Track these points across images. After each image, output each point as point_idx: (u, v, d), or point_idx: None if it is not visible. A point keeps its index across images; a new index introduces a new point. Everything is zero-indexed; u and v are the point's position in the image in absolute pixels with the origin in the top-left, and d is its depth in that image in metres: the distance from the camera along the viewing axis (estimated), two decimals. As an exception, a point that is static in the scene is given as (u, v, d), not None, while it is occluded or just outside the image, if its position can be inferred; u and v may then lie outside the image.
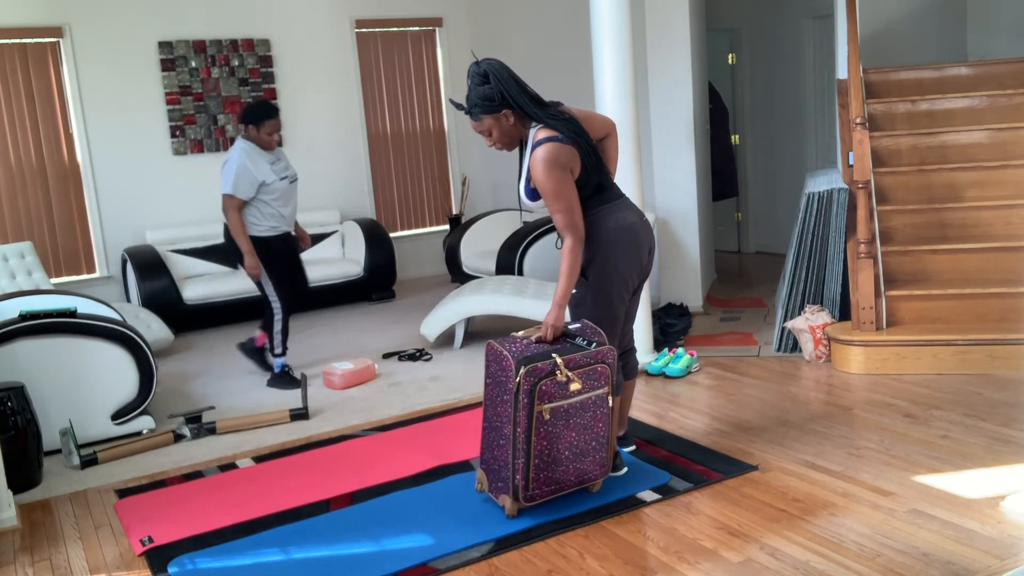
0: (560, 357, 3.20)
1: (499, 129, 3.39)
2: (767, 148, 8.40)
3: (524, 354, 3.20)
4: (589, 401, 3.27)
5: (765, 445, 3.87)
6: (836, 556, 2.89)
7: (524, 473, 3.22)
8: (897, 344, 4.73)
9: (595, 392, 3.28)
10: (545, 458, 3.23)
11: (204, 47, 7.58)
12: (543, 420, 3.18)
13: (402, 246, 8.50)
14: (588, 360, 3.25)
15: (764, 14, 8.16)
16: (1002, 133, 5.52)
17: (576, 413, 3.26)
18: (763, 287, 7.03)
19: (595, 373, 3.26)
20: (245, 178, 4.99)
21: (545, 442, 3.21)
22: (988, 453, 3.62)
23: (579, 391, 3.22)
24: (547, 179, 3.26)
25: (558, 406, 3.20)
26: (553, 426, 3.21)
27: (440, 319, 5.86)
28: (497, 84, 3.34)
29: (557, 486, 3.30)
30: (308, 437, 4.45)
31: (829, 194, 5.31)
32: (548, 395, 3.17)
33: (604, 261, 3.42)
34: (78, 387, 4.48)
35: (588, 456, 3.33)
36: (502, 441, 3.27)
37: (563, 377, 3.18)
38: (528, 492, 3.25)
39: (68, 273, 7.29)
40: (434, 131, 8.80)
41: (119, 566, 3.25)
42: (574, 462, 3.30)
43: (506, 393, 3.22)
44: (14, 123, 7.02)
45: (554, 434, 3.22)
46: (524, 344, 3.28)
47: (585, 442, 3.31)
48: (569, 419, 3.24)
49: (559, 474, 3.28)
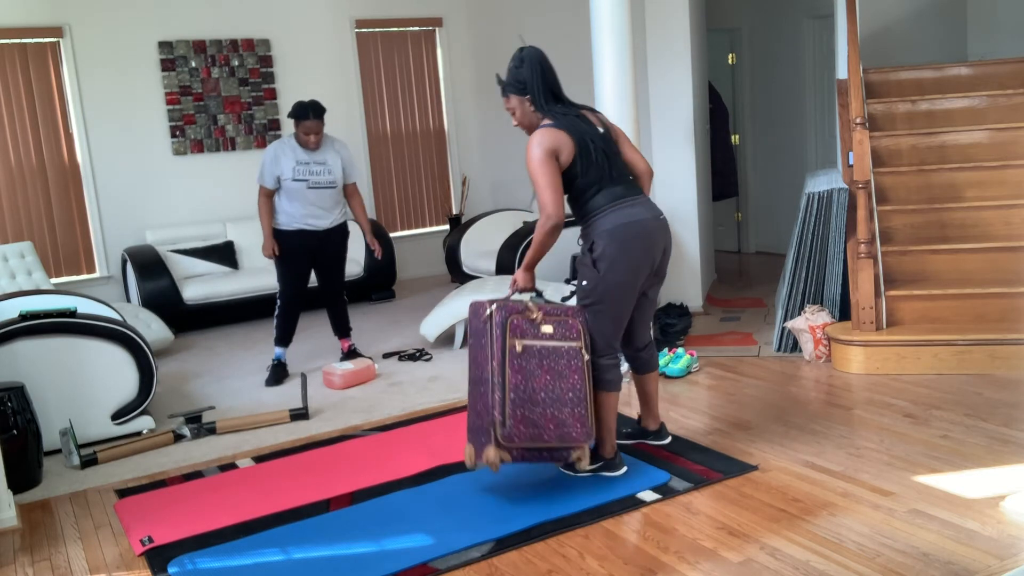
0: (531, 302, 3.40)
1: (520, 110, 3.58)
2: (767, 148, 8.40)
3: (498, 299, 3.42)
4: (563, 349, 3.37)
5: (765, 445, 3.87)
6: (836, 556, 2.89)
7: (501, 408, 3.26)
8: (897, 344, 4.73)
9: (568, 343, 3.38)
10: (520, 393, 3.28)
11: (204, 47, 7.58)
12: (516, 353, 3.30)
13: (402, 246, 8.50)
14: (559, 311, 3.41)
15: (764, 14, 8.16)
16: (1002, 133, 5.52)
17: (549, 356, 3.35)
18: (763, 287, 7.03)
19: (567, 324, 3.40)
20: (269, 167, 5.29)
21: (520, 376, 3.30)
22: (988, 453, 3.62)
23: (551, 335, 3.35)
24: (529, 158, 3.42)
25: (531, 344, 3.32)
26: (526, 361, 3.31)
27: (440, 319, 5.86)
28: (527, 70, 3.52)
29: (535, 430, 3.30)
30: (308, 437, 4.45)
31: (829, 194, 5.31)
32: (520, 330, 3.32)
33: (608, 256, 3.44)
34: (78, 387, 4.48)
35: (566, 407, 3.36)
36: (482, 388, 3.34)
37: (534, 315, 3.34)
38: (506, 430, 3.25)
39: (68, 273, 7.29)
40: (434, 131, 8.80)
41: (119, 566, 3.25)
42: (551, 407, 3.34)
43: (483, 337, 3.34)
44: (14, 123, 7.02)
45: (528, 371, 3.31)
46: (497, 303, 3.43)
47: (561, 390, 3.36)
48: (542, 360, 3.34)
49: (536, 416, 3.31)
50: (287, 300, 5.48)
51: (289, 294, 5.46)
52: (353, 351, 5.75)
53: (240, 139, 7.76)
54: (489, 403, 3.29)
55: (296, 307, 5.50)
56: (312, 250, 5.44)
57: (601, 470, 3.64)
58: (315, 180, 5.29)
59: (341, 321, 5.74)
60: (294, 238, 5.36)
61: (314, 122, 5.19)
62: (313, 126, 5.20)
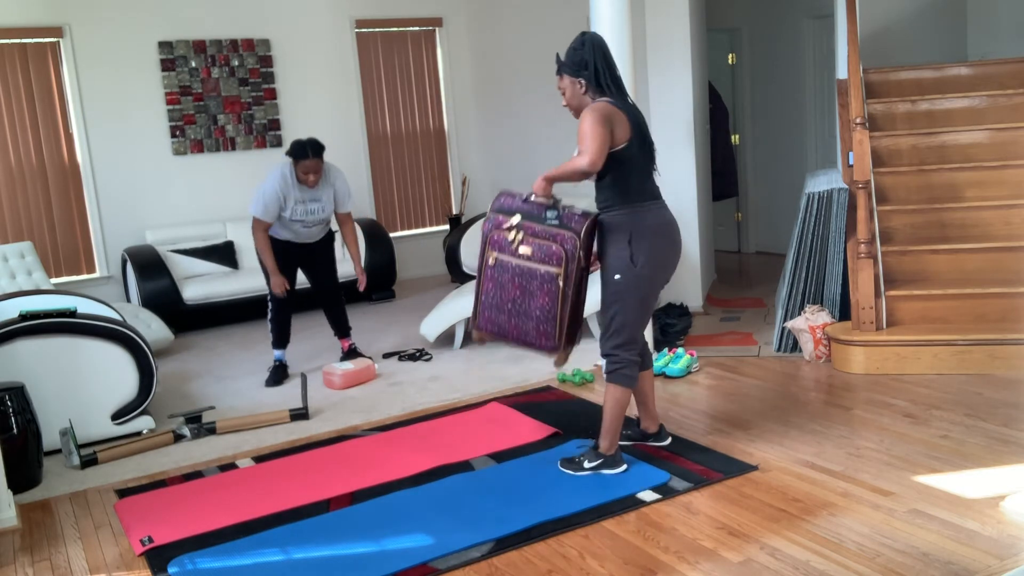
0: (522, 219, 3.53)
1: (571, 91, 3.62)
2: (767, 148, 8.40)
3: (501, 205, 3.62)
4: (537, 271, 3.50)
5: (765, 445, 3.87)
6: (836, 556, 2.89)
7: (475, 303, 3.68)
8: (897, 344, 4.73)
9: (544, 266, 3.49)
10: (490, 298, 3.62)
11: (204, 47, 7.58)
12: (488, 264, 3.60)
13: (402, 246, 8.50)
14: (546, 234, 3.49)
15: (764, 14, 8.16)
16: (1002, 133, 5.51)
17: (523, 275, 3.54)
18: (763, 287, 7.03)
19: (548, 250, 3.49)
20: (273, 206, 5.19)
21: (491, 284, 3.60)
22: (988, 453, 3.62)
23: (528, 256, 3.50)
24: (585, 120, 3.44)
25: (505, 260, 3.56)
26: (499, 274, 3.58)
27: (440, 319, 5.86)
28: (587, 53, 3.56)
29: (498, 329, 3.65)
30: (308, 437, 4.45)
31: (829, 194, 5.31)
32: (497, 244, 3.58)
33: (646, 252, 3.52)
34: (78, 387, 4.48)
35: (531, 321, 3.57)
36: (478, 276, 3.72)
37: (512, 235, 3.50)
38: (476, 320, 3.69)
39: (68, 273, 7.29)
40: (434, 131, 8.80)
41: (119, 566, 3.25)
42: (515, 317, 3.59)
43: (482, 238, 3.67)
44: (14, 123, 7.02)
45: (500, 282, 3.60)
46: (519, 198, 3.61)
47: (529, 307, 3.54)
48: (515, 277, 3.55)
49: (500, 320, 3.63)
50: (277, 301, 5.46)
51: (277, 295, 5.43)
52: (353, 350, 5.75)
53: (240, 139, 7.76)
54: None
55: (286, 308, 5.49)
56: (298, 254, 5.48)
57: (601, 467, 3.64)
58: (310, 219, 5.35)
59: (340, 321, 5.74)
60: (278, 243, 5.38)
61: (313, 161, 5.13)
62: (312, 165, 5.14)
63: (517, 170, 8.36)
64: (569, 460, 3.73)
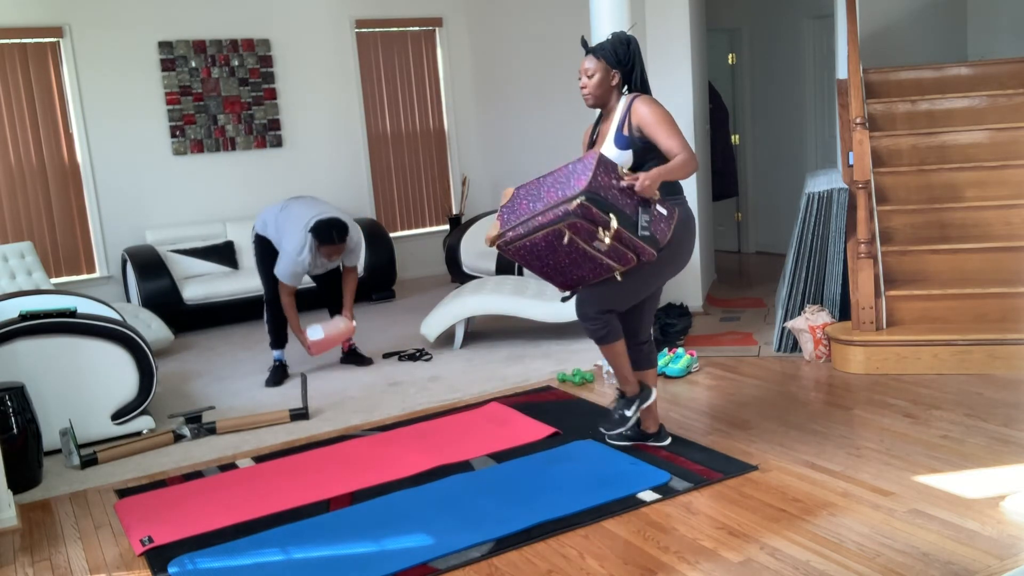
0: (616, 223, 3.26)
1: (602, 79, 3.61)
2: (767, 148, 8.40)
3: (596, 188, 3.25)
4: (601, 262, 3.37)
5: (765, 445, 3.87)
6: (836, 556, 2.89)
7: (512, 231, 3.38)
8: (897, 344, 4.73)
9: (610, 261, 3.37)
10: (529, 251, 3.39)
11: (204, 47, 7.58)
12: (559, 236, 3.29)
13: (402, 246, 8.50)
14: (630, 243, 3.33)
15: (764, 14, 8.16)
16: (1002, 133, 5.51)
17: (585, 259, 3.37)
18: (763, 287, 7.03)
19: (624, 255, 3.36)
20: (299, 271, 5.22)
21: (544, 244, 3.35)
22: (988, 453, 3.62)
23: (603, 250, 3.32)
24: (662, 113, 3.50)
25: (579, 245, 3.31)
26: (563, 247, 3.33)
27: (440, 319, 5.86)
28: (633, 51, 3.62)
29: (525, 257, 3.44)
30: (308, 437, 4.45)
31: (829, 194, 5.31)
32: (580, 231, 3.27)
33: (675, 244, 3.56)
34: (78, 387, 4.48)
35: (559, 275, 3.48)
36: (528, 202, 3.39)
37: (603, 237, 3.27)
38: (504, 240, 3.40)
39: (68, 273, 7.29)
40: (434, 131, 8.80)
41: (119, 566, 3.25)
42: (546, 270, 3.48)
43: (558, 196, 3.29)
44: (14, 123, 7.02)
45: (557, 250, 3.35)
46: (613, 179, 3.32)
47: (566, 272, 3.45)
48: (576, 256, 3.36)
49: (531, 258, 3.44)
50: (272, 302, 5.45)
51: (274, 296, 5.43)
52: (353, 351, 5.75)
53: (240, 139, 7.77)
54: (516, 213, 3.40)
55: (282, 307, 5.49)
56: None
57: (641, 403, 3.79)
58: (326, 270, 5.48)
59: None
60: None
61: (337, 246, 5.14)
62: (336, 249, 5.15)
63: (517, 170, 8.37)
64: (609, 423, 3.81)
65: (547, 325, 6.15)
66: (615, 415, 3.81)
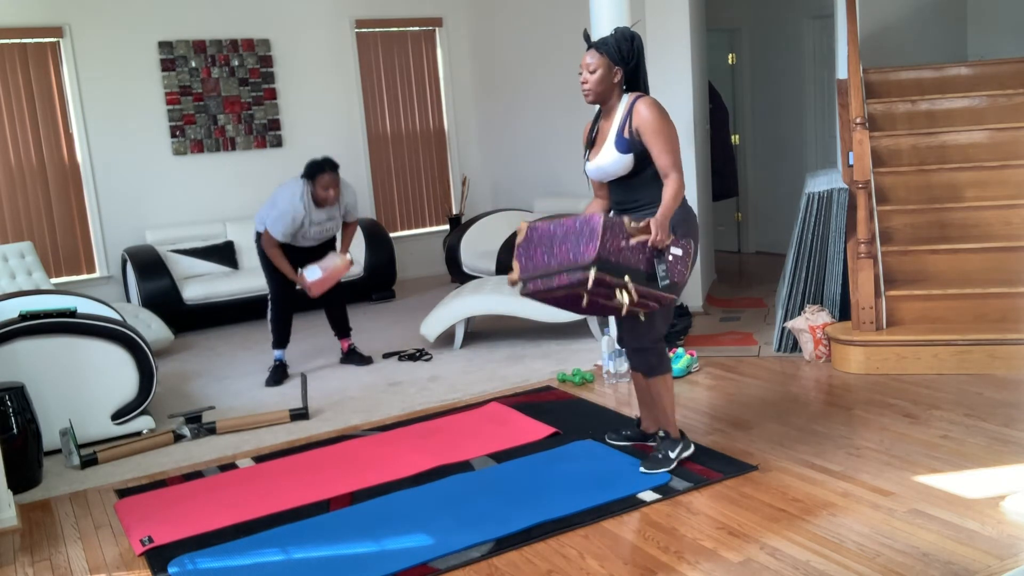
0: (632, 284, 3.18)
1: (604, 74, 3.52)
2: (767, 148, 8.40)
3: (608, 257, 3.15)
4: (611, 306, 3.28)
5: (765, 445, 3.87)
6: (836, 556, 2.89)
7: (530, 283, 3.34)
8: (897, 344, 4.73)
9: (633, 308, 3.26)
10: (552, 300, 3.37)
11: (204, 47, 7.58)
12: (579, 296, 3.23)
13: (402, 246, 8.50)
14: (647, 295, 3.25)
15: (764, 14, 8.16)
16: (1002, 133, 5.51)
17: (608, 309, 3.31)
18: (763, 287, 7.03)
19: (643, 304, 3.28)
20: (288, 227, 5.21)
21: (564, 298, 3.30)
22: (988, 453, 3.62)
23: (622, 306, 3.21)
24: (663, 122, 3.45)
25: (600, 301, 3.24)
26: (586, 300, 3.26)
27: (440, 319, 5.86)
28: (637, 50, 3.54)
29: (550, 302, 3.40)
30: (308, 437, 4.45)
31: (829, 194, 5.31)
32: (598, 294, 3.20)
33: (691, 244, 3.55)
34: (78, 387, 4.48)
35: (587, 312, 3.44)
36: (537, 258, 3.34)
37: (621, 297, 3.18)
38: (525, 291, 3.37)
39: (68, 273, 7.29)
40: (434, 131, 8.80)
41: (119, 566, 3.25)
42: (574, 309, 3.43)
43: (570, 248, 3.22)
44: (14, 123, 7.02)
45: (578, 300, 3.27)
46: (621, 241, 3.21)
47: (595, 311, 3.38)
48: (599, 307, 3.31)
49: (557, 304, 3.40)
50: (277, 301, 5.48)
51: (278, 295, 5.46)
52: (353, 350, 5.75)
53: (240, 139, 7.77)
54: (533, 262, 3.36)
55: (287, 308, 5.50)
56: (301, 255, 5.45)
57: (683, 451, 3.70)
58: (322, 237, 5.45)
59: (340, 321, 5.74)
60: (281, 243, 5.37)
61: (331, 175, 5.17)
62: (331, 180, 5.17)
63: (517, 170, 8.37)
64: (651, 461, 3.66)
65: (547, 325, 6.15)
66: (659, 454, 3.67)
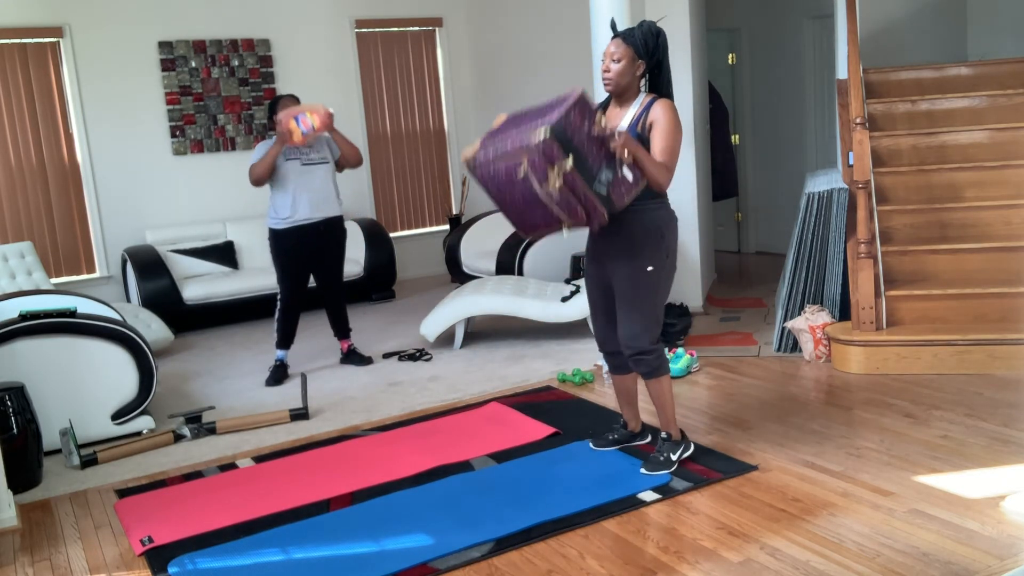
0: (574, 166, 3.10)
1: (627, 67, 3.51)
2: (767, 148, 8.40)
3: (563, 126, 3.10)
4: (550, 211, 3.20)
5: (765, 445, 3.87)
6: (836, 556, 2.89)
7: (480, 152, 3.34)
8: (897, 344, 4.73)
9: (560, 210, 3.19)
10: (490, 180, 3.32)
11: (204, 47, 7.58)
12: (516, 168, 3.16)
13: (402, 246, 8.49)
14: (584, 197, 3.17)
15: (764, 14, 8.16)
16: (1002, 133, 5.51)
17: (536, 202, 3.20)
18: (763, 287, 7.03)
19: (574, 209, 3.20)
20: (263, 150, 5.33)
21: (503, 174, 3.23)
22: (988, 453, 3.62)
23: (552, 197, 3.13)
24: (674, 125, 3.47)
25: (531, 183, 3.15)
26: (518, 184, 3.19)
27: (440, 319, 5.86)
28: (662, 49, 3.54)
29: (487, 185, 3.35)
30: (308, 437, 4.45)
31: (829, 194, 5.31)
32: (536, 168, 3.12)
33: (674, 245, 3.60)
34: (78, 387, 4.48)
35: (516, 215, 3.37)
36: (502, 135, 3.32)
37: (553, 180, 3.10)
38: (473, 162, 3.36)
39: (68, 273, 7.29)
40: (434, 131, 8.80)
41: (119, 566, 3.25)
42: (505, 206, 3.37)
43: (536, 118, 3.20)
44: (14, 123, 7.02)
45: (512, 183, 3.20)
46: (586, 124, 3.16)
47: (523, 213, 3.30)
48: (528, 195, 3.19)
49: (493, 192, 3.35)
50: (286, 302, 5.48)
51: (288, 296, 5.47)
52: (353, 351, 5.75)
53: (240, 139, 7.76)
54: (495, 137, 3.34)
55: (296, 309, 5.51)
56: (310, 249, 5.43)
57: (684, 453, 3.69)
58: (307, 158, 5.38)
59: (340, 321, 5.74)
60: (291, 237, 5.35)
61: (288, 99, 5.38)
62: (291, 103, 5.35)
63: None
64: (652, 462, 3.65)
65: (547, 325, 6.15)
66: (660, 456, 3.66)
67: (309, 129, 5.16)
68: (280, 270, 5.45)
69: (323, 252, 5.51)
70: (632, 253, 3.51)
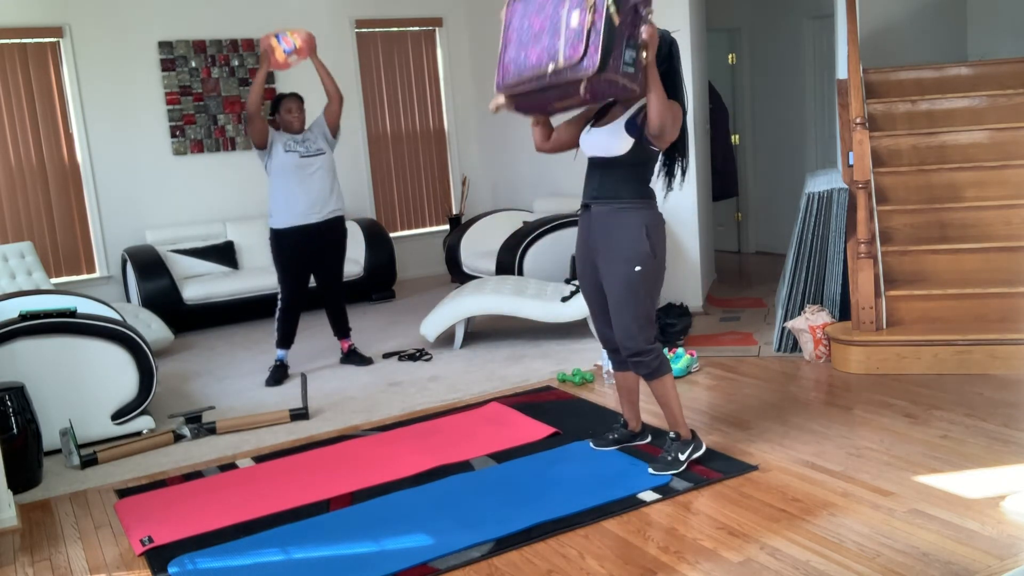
0: (613, 8, 3.21)
1: None
2: (767, 148, 8.40)
3: None
4: (555, 42, 3.22)
5: (765, 445, 3.87)
6: (836, 556, 2.89)
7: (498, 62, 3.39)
8: (897, 344, 4.73)
9: (568, 40, 3.22)
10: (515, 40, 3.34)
11: (204, 47, 7.58)
12: None
13: (402, 246, 8.49)
14: (595, 34, 3.20)
15: (764, 14, 8.16)
16: (1002, 133, 5.51)
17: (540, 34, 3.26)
18: (763, 287, 7.03)
19: (577, 42, 3.21)
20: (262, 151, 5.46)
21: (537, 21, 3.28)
22: (988, 453, 3.62)
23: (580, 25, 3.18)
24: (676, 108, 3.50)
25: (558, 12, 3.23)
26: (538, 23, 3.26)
27: (440, 319, 5.86)
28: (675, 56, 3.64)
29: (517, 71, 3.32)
30: (308, 437, 4.45)
31: (829, 194, 5.31)
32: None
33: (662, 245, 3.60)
34: (78, 387, 4.48)
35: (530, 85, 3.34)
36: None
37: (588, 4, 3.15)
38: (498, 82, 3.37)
39: (68, 273, 7.29)
40: (434, 131, 8.81)
41: (119, 566, 3.25)
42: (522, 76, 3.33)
43: None
44: (14, 123, 7.02)
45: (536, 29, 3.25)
46: None
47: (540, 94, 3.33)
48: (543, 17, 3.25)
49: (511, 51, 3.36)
50: (287, 302, 5.49)
51: (288, 296, 5.48)
52: (353, 351, 5.75)
53: (240, 139, 7.76)
54: None
55: (296, 309, 5.51)
56: (310, 248, 5.43)
57: (693, 452, 3.67)
58: (306, 149, 5.43)
59: (340, 321, 5.74)
60: (292, 236, 5.36)
61: (291, 99, 5.47)
62: (294, 101, 5.45)
63: (517, 170, 8.36)
64: (660, 462, 3.64)
65: (547, 325, 6.14)
66: (668, 456, 3.65)
67: (291, 48, 5.08)
68: (280, 270, 5.46)
69: (323, 252, 5.51)
70: (619, 254, 3.54)
